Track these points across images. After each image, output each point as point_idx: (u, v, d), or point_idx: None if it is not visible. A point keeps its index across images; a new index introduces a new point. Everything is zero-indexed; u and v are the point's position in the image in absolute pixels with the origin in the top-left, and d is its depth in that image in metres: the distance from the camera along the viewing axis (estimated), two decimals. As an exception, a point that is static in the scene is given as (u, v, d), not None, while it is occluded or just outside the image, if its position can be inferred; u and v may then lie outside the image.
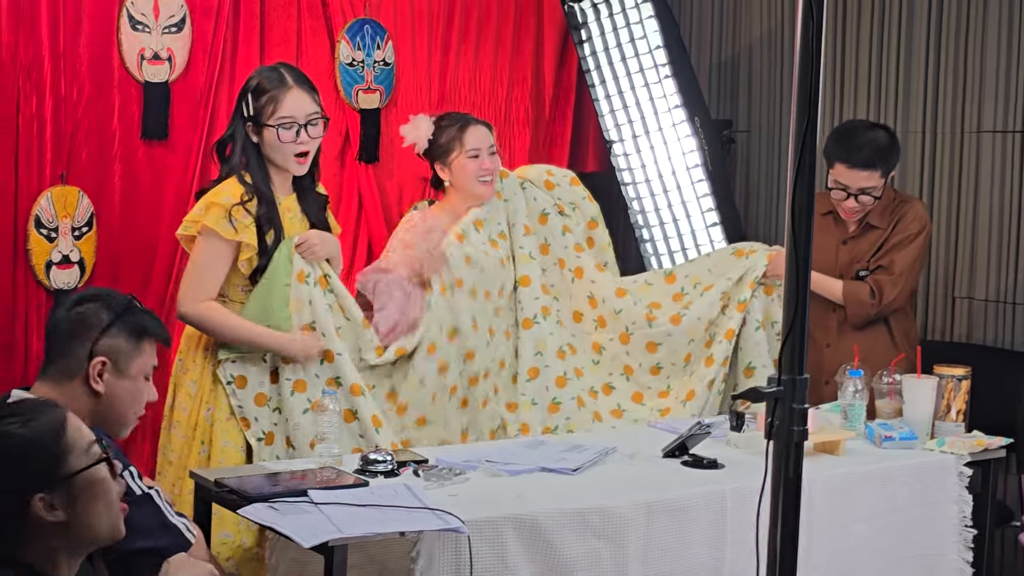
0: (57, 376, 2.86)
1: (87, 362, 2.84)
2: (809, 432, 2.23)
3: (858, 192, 4.37)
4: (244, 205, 3.78)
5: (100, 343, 2.85)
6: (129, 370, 2.89)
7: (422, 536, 2.92)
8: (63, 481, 2.25)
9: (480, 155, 4.32)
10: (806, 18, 2.19)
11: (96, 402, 2.85)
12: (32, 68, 4.39)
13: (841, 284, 4.43)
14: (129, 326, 2.90)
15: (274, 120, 3.83)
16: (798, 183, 2.17)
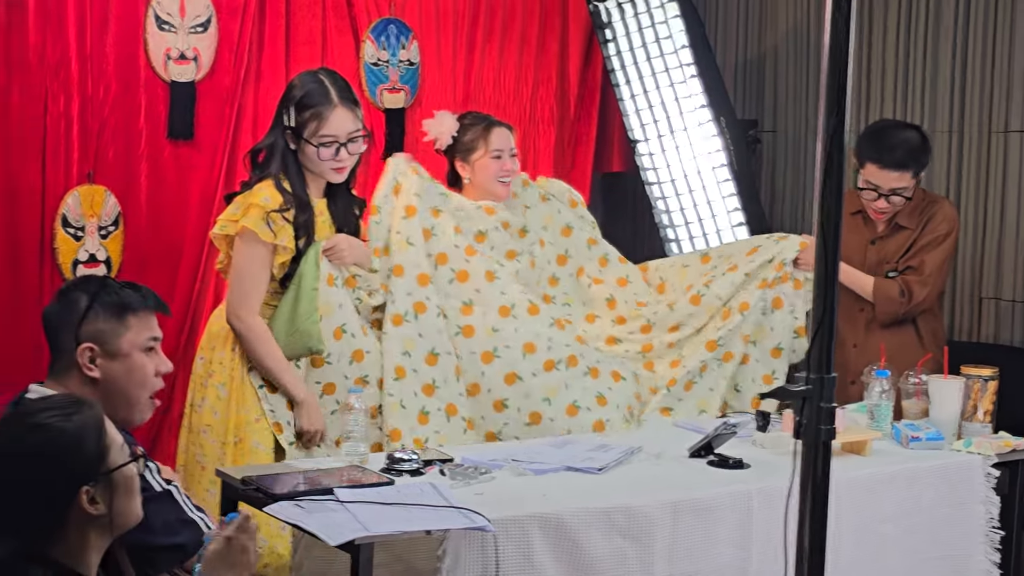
0: (58, 373, 2.83)
1: (75, 352, 2.80)
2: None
3: (889, 192, 4.36)
4: (283, 212, 3.77)
5: (82, 330, 2.79)
6: (120, 349, 2.82)
7: (448, 535, 2.92)
8: (105, 476, 2.30)
9: (502, 156, 4.34)
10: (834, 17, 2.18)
11: (96, 391, 2.78)
12: (59, 67, 4.41)
13: (872, 280, 4.42)
14: (107, 305, 2.82)
15: (316, 139, 3.82)
16: (827, 182, 2.17)
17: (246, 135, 4.84)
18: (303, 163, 3.87)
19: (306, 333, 3.77)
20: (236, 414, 3.79)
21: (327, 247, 3.84)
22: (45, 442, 2.28)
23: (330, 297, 3.84)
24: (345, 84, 3.95)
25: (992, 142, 4.94)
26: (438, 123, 4.41)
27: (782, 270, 4.31)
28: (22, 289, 4.41)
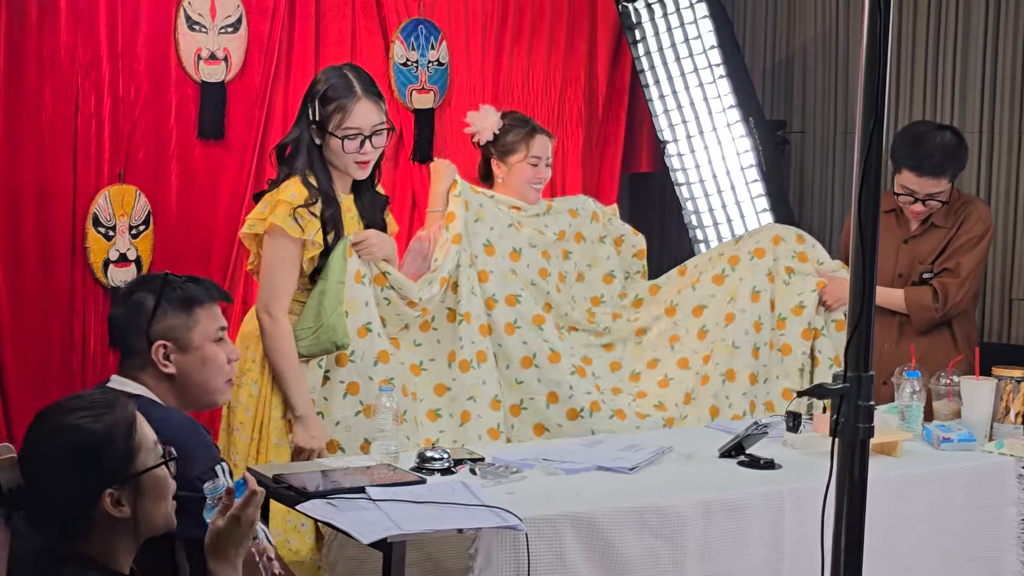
0: (133, 370, 2.90)
1: (149, 351, 2.87)
2: (869, 431, 2.22)
3: (925, 197, 4.35)
4: (309, 207, 3.78)
5: (153, 328, 2.87)
6: (192, 343, 2.90)
7: (480, 534, 2.92)
8: (132, 478, 2.29)
9: (539, 164, 4.43)
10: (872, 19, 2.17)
11: (174, 385, 2.88)
12: (91, 68, 4.43)
13: (902, 293, 4.40)
14: (174, 302, 2.90)
15: (340, 131, 3.84)
16: (864, 183, 2.16)
17: (276, 135, 4.84)
18: (328, 158, 3.88)
19: (331, 327, 3.78)
20: (264, 411, 3.80)
21: (356, 240, 3.86)
22: (73, 443, 2.28)
23: (356, 294, 3.85)
24: (369, 78, 3.97)
25: (1023, 143, 4.92)
26: (482, 117, 4.48)
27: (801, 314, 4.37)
28: (54, 288, 4.43)
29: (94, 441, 2.28)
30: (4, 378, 4.34)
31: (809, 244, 4.47)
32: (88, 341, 4.49)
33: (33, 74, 4.34)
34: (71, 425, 2.29)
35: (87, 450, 2.27)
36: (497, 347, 4.21)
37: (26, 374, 4.38)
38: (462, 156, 4.95)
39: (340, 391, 3.85)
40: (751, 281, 4.39)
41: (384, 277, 3.96)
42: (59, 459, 2.28)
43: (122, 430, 2.31)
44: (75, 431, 2.28)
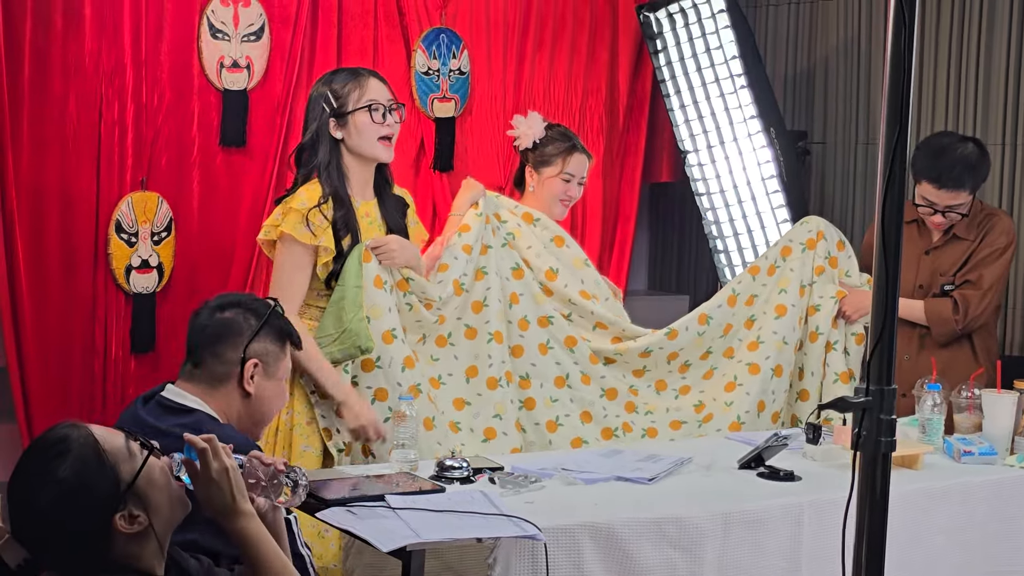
0: (208, 379, 2.96)
1: (241, 365, 2.95)
2: (890, 444, 2.21)
3: (945, 209, 4.34)
4: (320, 208, 3.78)
5: (251, 347, 2.97)
6: (276, 372, 3.02)
7: (499, 543, 2.92)
8: (128, 491, 2.26)
9: (571, 181, 4.42)
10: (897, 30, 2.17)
11: (247, 403, 2.97)
12: (114, 75, 4.46)
13: (922, 305, 4.39)
14: (275, 330, 3.03)
15: (363, 102, 3.85)
16: (888, 195, 2.15)
17: (297, 143, 4.85)
18: (350, 147, 3.87)
19: (354, 332, 3.78)
20: (287, 417, 3.80)
21: (375, 245, 3.84)
22: (56, 497, 2.22)
23: (378, 299, 3.83)
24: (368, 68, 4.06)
25: (1046, 155, 4.91)
26: (528, 124, 4.47)
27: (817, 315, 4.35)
28: (76, 294, 4.46)
29: (74, 484, 2.22)
30: (27, 383, 4.37)
31: (846, 254, 4.45)
32: (110, 346, 4.52)
33: (57, 81, 4.37)
34: (44, 482, 2.23)
35: (73, 496, 2.22)
36: (531, 367, 4.21)
37: (48, 379, 4.41)
38: (483, 165, 4.97)
39: (368, 396, 3.85)
40: (799, 274, 4.38)
41: (406, 283, 3.96)
42: (53, 519, 2.23)
43: (92, 459, 2.24)
44: (50, 486, 2.22)
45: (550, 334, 4.24)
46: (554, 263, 4.32)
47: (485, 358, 4.13)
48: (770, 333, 4.34)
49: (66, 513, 2.22)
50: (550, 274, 4.29)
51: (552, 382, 4.22)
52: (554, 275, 4.30)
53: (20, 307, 4.34)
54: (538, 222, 4.35)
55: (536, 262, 4.29)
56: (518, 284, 4.24)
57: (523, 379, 4.22)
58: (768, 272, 4.41)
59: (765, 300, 4.39)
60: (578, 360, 4.26)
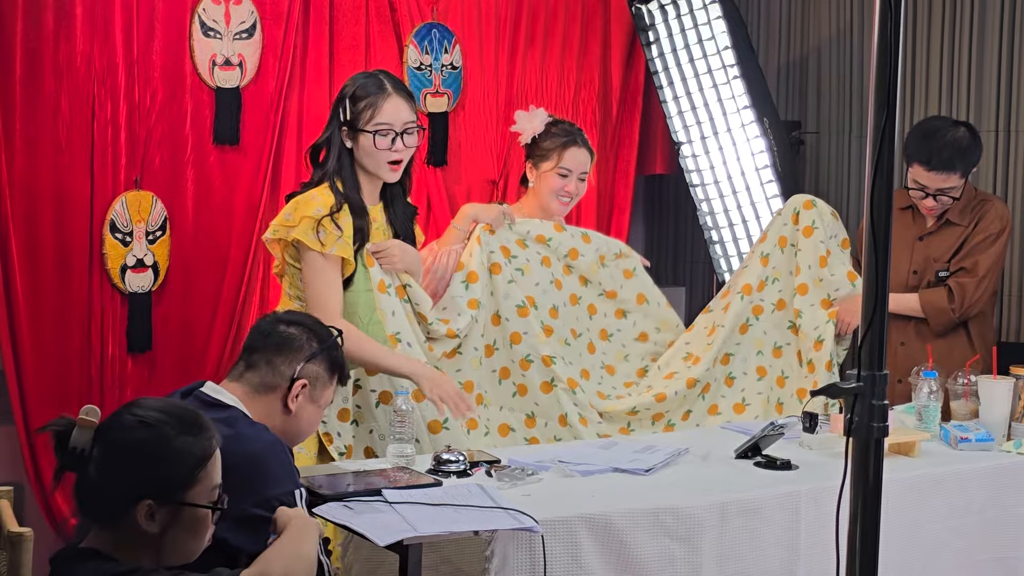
0: (257, 385, 3.00)
1: (291, 382, 3.00)
2: (885, 431, 2.22)
3: (936, 192, 4.34)
4: (333, 216, 3.74)
5: (306, 367, 3.02)
6: (320, 398, 3.07)
7: (496, 535, 2.93)
8: (176, 504, 2.32)
9: (569, 176, 4.36)
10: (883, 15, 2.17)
11: (285, 419, 3.01)
12: (106, 75, 4.46)
13: (917, 297, 4.39)
14: (331, 359, 3.09)
15: (371, 126, 3.79)
16: (876, 182, 2.16)
17: (291, 140, 4.87)
18: (359, 161, 3.83)
19: (371, 335, 3.79)
20: None
21: (376, 250, 3.83)
22: (144, 441, 2.32)
23: (382, 303, 3.84)
24: (399, 80, 3.96)
25: (1039, 141, 4.91)
26: (529, 118, 4.45)
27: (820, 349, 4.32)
28: (71, 294, 4.46)
29: (163, 449, 2.32)
30: (23, 383, 4.37)
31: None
32: (106, 347, 4.51)
33: (50, 82, 4.37)
34: (153, 425, 2.34)
35: (151, 453, 2.31)
36: (534, 406, 4.20)
37: (45, 380, 4.41)
38: (476, 160, 4.97)
39: (372, 400, 3.85)
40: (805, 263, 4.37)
41: (404, 289, 3.96)
42: (123, 447, 2.32)
43: (195, 455, 2.35)
44: (153, 432, 2.33)
45: (553, 373, 4.21)
46: (557, 300, 4.29)
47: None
48: (754, 394, 4.36)
49: (135, 456, 2.31)
50: (552, 312, 4.28)
51: (556, 421, 4.21)
52: (556, 313, 4.29)
53: (16, 309, 4.34)
54: (551, 241, 4.33)
55: (541, 299, 4.28)
56: (522, 322, 4.20)
57: (528, 417, 4.21)
58: (763, 262, 4.41)
59: (743, 359, 4.38)
60: (578, 401, 4.24)
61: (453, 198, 5.22)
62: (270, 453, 2.80)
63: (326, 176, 3.80)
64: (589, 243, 4.41)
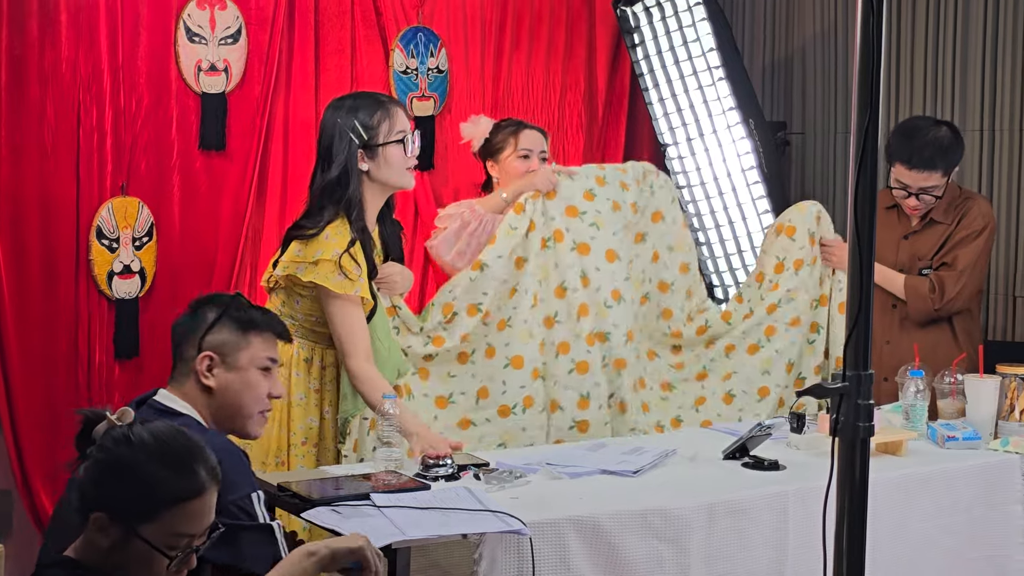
0: (178, 379, 2.97)
1: (196, 359, 2.94)
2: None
3: (918, 192, 4.35)
4: (351, 253, 3.71)
5: (206, 339, 2.95)
6: (238, 362, 2.97)
7: (484, 538, 2.93)
8: (130, 530, 2.26)
9: (531, 156, 4.44)
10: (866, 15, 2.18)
11: (211, 398, 2.95)
12: (92, 81, 4.45)
13: (903, 278, 4.41)
14: (234, 320, 2.98)
15: (394, 135, 3.81)
16: (860, 182, 2.16)
17: (277, 145, 4.87)
18: (376, 178, 3.81)
19: (391, 358, 3.84)
20: (280, 435, 3.80)
21: (379, 278, 3.86)
22: (118, 457, 2.27)
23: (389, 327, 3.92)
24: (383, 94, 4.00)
25: (1023, 140, 4.92)
26: (473, 125, 4.55)
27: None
28: (58, 301, 4.45)
29: (128, 474, 2.26)
30: (11, 389, 4.36)
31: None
32: (93, 353, 4.51)
33: (35, 88, 4.36)
34: (134, 444, 2.28)
35: (119, 472, 2.26)
36: (594, 386, 4.21)
37: (33, 387, 4.40)
38: (463, 163, 4.97)
39: (364, 426, 3.86)
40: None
41: (395, 310, 3.97)
42: (103, 455, 2.28)
43: (164, 492, 2.26)
44: (130, 452, 2.27)
45: (605, 350, 4.24)
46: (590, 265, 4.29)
47: (499, 383, 4.12)
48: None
49: (139, 476, 2.25)
50: (584, 279, 4.28)
51: (615, 405, 4.25)
52: (587, 280, 4.29)
53: (2, 315, 4.33)
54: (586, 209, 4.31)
55: (622, 251, 4.31)
56: (585, 293, 4.22)
57: (583, 397, 4.22)
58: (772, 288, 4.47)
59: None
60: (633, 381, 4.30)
61: (440, 201, 5.21)
62: (223, 459, 2.70)
63: (341, 206, 3.75)
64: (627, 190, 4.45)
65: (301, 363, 3.82)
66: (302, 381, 3.82)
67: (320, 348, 3.83)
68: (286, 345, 3.77)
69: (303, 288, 3.76)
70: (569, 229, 4.23)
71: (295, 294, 3.79)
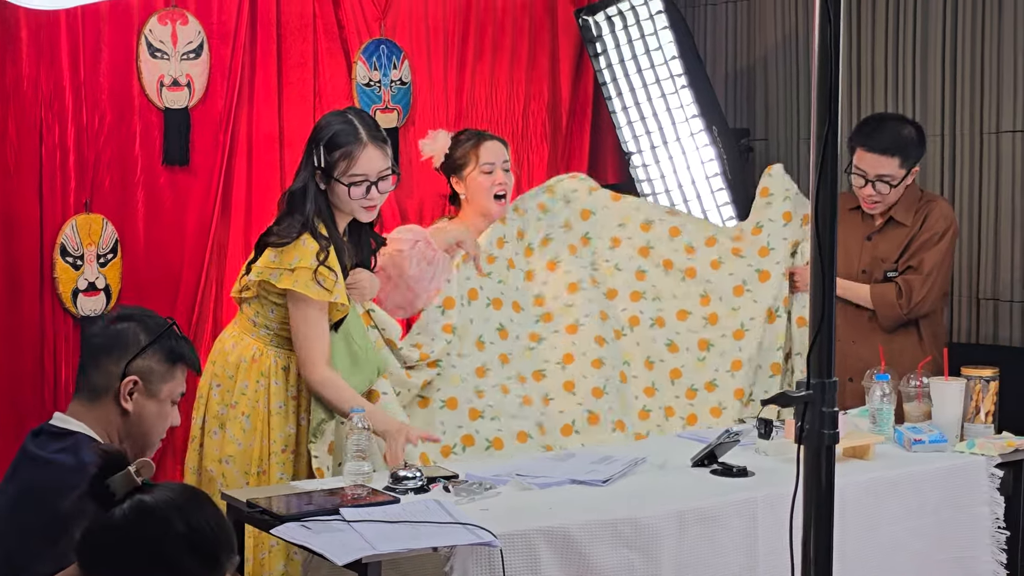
0: (89, 393, 2.89)
1: (119, 380, 2.86)
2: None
3: (875, 179, 4.37)
4: (326, 263, 3.71)
5: (134, 363, 2.88)
6: (159, 393, 2.92)
7: (455, 551, 2.93)
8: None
9: (494, 170, 4.37)
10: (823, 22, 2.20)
11: (124, 421, 2.88)
12: (54, 98, 4.43)
13: (868, 288, 4.43)
14: (165, 350, 2.92)
15: (346, 178, 3.78)
16: (821, 188, 2.18)
17: (241, 159, 4.85)
18: (332, 202, 3.82)
19: (368, 358, 3.84)
20: (261, 445, 3.79)
21: (348, 283, 3.85)
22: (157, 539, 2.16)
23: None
24: (374, 123, 3.91)
25: (984, 143, 4.96)
26: (432, 141, 4.47)
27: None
28: (23, 319, 4.42)
29: (171, 555, 2.16)
30: (-24, 411, 4.34)
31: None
32: (60, 371, 4.48)
33: (-5, 107, 4.35)
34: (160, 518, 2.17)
35: (160, 554, 2.16)
36: (541, 416, 4.23)
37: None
38: (427, 175, 4.96)
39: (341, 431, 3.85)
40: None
41: (369, 316, 3.97)
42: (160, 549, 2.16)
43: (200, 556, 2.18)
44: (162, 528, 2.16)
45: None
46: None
47: (438, 424, 4.12)
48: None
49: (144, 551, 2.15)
50: (503, 332, 4.33)
51: (558, 432, 4.23)
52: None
53: (-33, 335, 4.31)
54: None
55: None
56: (504, 344, 4.27)
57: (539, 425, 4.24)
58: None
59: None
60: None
61: (405, 213, 5.21)
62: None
63: (306, 225, 3.75)
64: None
65: (279, 372, 3.82)
66: (281, 390, 3.81)
67: (295, 356, 3.82)
68: (264, 356, 3.80)
69: (277, 296, 3.76)
70: (483, 287, 4.27)
71: (269, 303, 3.79)
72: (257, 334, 3.82)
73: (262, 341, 3.82)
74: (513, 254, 4.40)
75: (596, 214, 4.54)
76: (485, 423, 4.13)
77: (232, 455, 3.77)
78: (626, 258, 4.52)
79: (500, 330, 4.30)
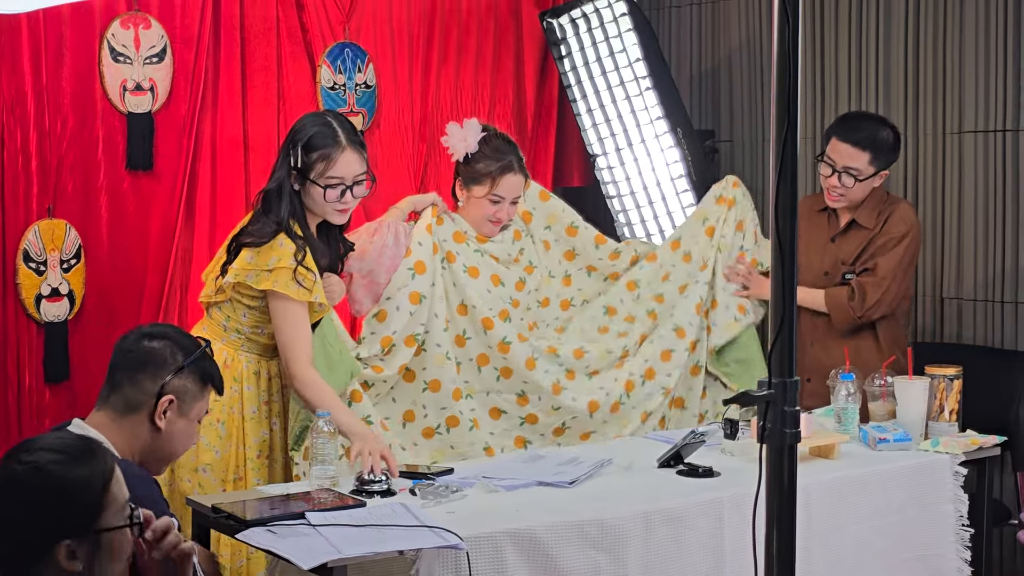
0: (120, 407, 2.92)
1: (156, 398, 2.92)
2: (802, 436, 2.24)
3: (843, 170, 4.39)
4: (304, 264, 3.70)
5: (172, 382, 2.94)
6: (190, 412, 2.99)
7: (421, 554, 2.93)
8: (93, 534, 2.21)
9: (501, 203, 4.19)
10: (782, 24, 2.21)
11: (155, 438, 2.94)
12: (15, 103, 4.41)
13: (823, 293, 4.44)
14: (200, 370, 3.01)
15: (323, 180, 3.75)
16: (780, 190, 2.19)
17: (205, 163, 4.84)
18: (306, 203, 3.80)
19: (343, 360, 3.83)
20: (237, 452, 3.78)
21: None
22: (39, 487, 2.18)
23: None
24: (352, 127, 3.87)
25: (947, 143, 4.99)
26: (462, 134, 4.17)
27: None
28: (-15, 326, 4.40)
29: (63, 488, 2.19)
30: (-61, 417, 4.31)
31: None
32: (23, 377, 4.46)
33: (-43, 112, 4.32)
34: (41, 468, 2.20)
35: (50, 497, 2.19)
36: (523, 384, 4.21)
37: (-39, 413, 4.35)
38: (392, 179, 4.97)
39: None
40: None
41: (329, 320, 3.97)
42: (22, 500, 2.19)
43: (96, 482, 2.23)
44: (43, 475, 2.19)
45: (532, 347, 4.23)
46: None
47: (420, 407, 4.11)
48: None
49: (37, 504, 2.18)
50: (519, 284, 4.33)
51: (550, 392, 4.20)
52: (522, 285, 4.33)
53: (-71, 342, 4.28)
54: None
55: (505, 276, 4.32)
56: (463, 320, 4.18)
57: (519, 396, 4.21)
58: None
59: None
60: (563, 363, 4.28)
61: (370, 215, 5.19)
62: (135, 487, 2.67)
63: (281, 225, 3.72)
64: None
65: (251, 376, 3.81)
66: (254, 395, 3.80)
67: (265, 361, 3.82)
68: (235, 361, 3.79)
69: (251, 299, 3.75)
70: (459, 253, 4.21)
71: (243, 306, 3.77)
72: (227, 339, 3.80)
73: (232, 346, 3.81)
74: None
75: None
76: (466, 403, 4.13)
77: (209, 463, 3.74)
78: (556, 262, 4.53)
79: (478, 295, 4.22)
